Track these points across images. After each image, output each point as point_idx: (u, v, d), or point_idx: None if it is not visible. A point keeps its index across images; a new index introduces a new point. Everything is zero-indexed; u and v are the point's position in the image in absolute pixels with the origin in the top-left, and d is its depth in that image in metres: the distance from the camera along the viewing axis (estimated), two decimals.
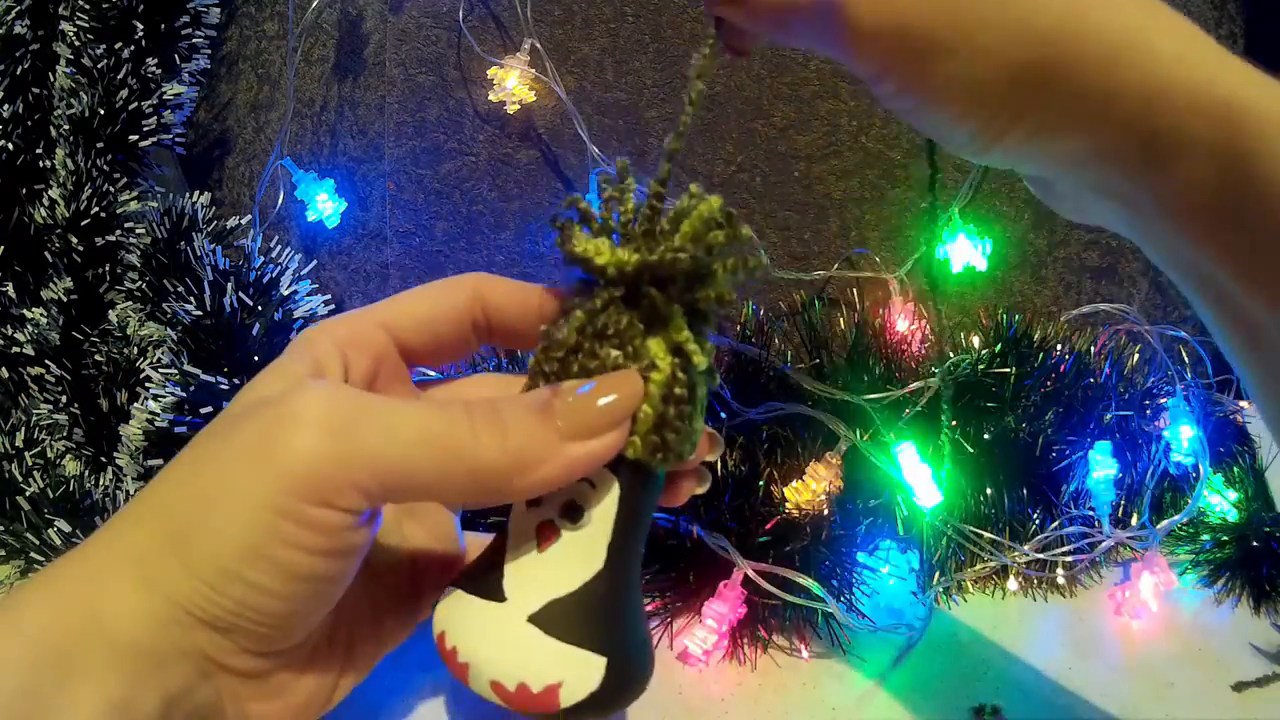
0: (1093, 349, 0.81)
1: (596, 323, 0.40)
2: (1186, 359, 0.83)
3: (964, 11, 0.36)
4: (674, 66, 0.81)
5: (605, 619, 0.41)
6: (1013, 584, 0.77)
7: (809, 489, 0.72)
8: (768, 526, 0.71)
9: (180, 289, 0.74)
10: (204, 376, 0.69)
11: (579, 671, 0.39)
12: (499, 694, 0.39)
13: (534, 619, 0.40)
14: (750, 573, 0.68)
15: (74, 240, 0.77)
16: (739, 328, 0.83)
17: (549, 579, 0.41)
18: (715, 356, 0.42)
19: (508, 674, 0.39)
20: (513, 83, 0.78)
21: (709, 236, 0.39)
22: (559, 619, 0.40)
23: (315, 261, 0.86)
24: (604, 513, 0.41)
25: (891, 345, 0.82)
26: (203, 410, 0.69)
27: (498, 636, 0.40)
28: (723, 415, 0.77)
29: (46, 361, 0.78)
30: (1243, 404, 0.84)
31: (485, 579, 0.42)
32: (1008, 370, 0.79)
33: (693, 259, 0.39)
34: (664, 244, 0.40)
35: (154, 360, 0.75)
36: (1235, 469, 0.81)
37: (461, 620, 0.41)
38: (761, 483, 0.74)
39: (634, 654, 0.42)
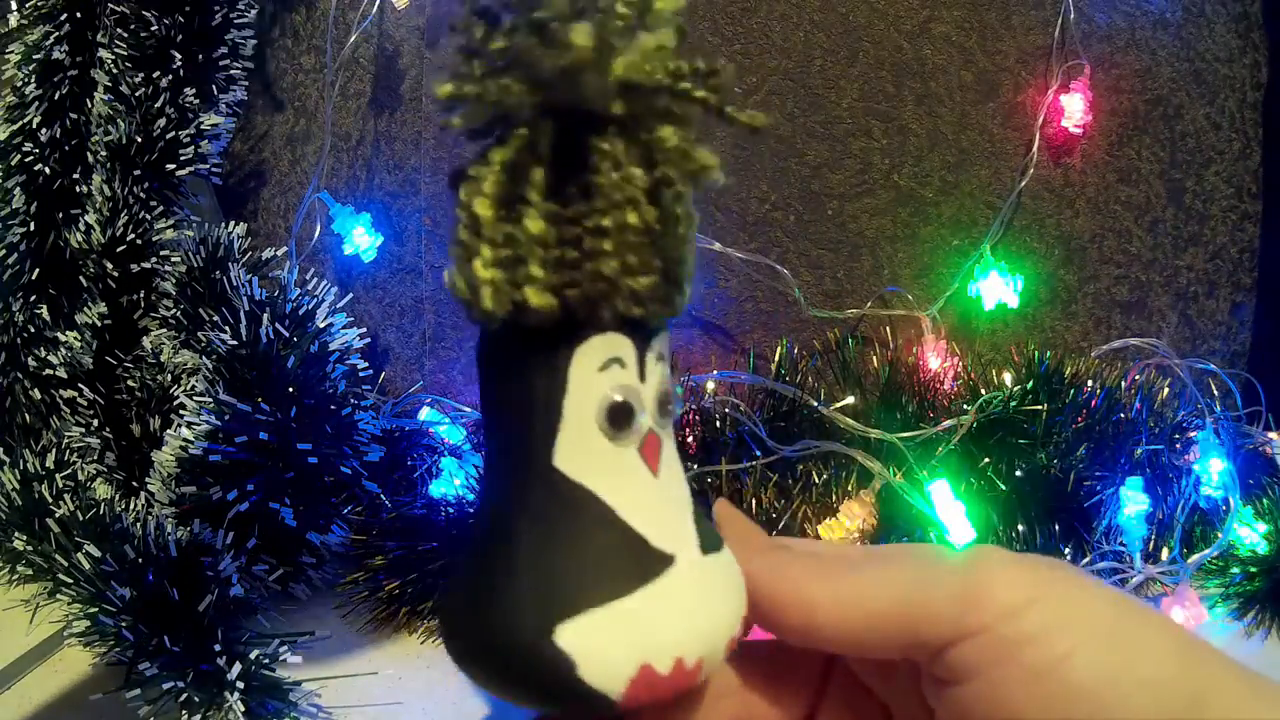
0: (1123, 384, 0.77)
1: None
2: (1216, 392, 0.79)
3: None
4: None
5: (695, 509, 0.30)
6: None
7: (843, 526, 0.69)
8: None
9: (215, 318, 0.68)
10: (240, 406, 0.64)
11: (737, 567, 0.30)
12: (729, 649, 0.29)
13: (704, 549, 0.29)
14: None
15: (109, 266, 0.72)
16: (773, 366, 0.79)
17: (678, 499, 0.29)
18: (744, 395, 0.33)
19: (736, 620, 0.29)
20: None
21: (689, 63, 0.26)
22: (706, 531, 0.29)
23: (350, 295, 0.80)
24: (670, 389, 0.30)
25: (924, 383, 0.77)
26: (237, 439, 0.63)
27: (706, 597, 0.28)
28: (758, 453, 0.73)
29: (79, 385, 0.74)
30: (1272, 435, 0.80)
31: (623, 564, 0.27)
32: (1039, 407, 0.75)
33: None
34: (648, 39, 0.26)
35: (188, 388, 0.70)
36: (1265, 501, 0.76)
37: (662, 624, 0.27)
38: (795, 520, 0.70)
39: None
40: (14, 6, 0.75)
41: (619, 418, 0.27)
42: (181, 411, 0.66)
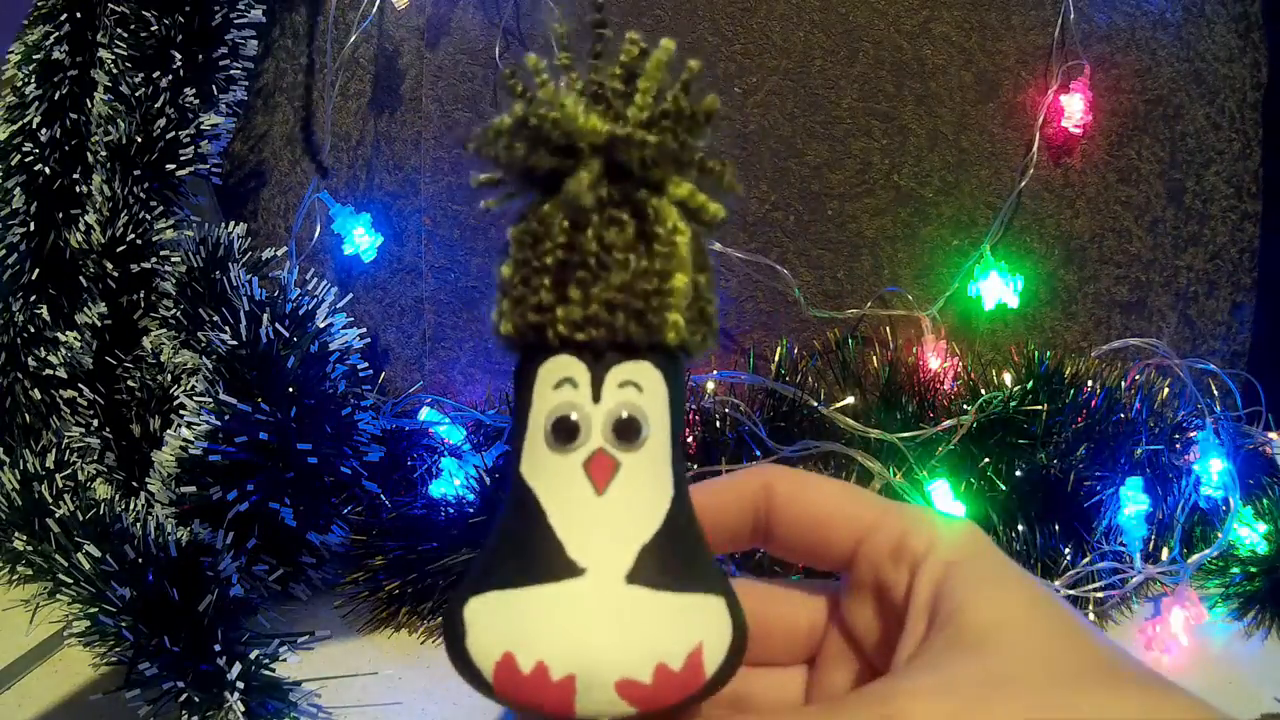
0: (1123, 384, 0.77)
1: (599, 193, 0.29)
2: (1216, 392, 0.79)
3: None
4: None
5: (699, 550, 0.31)
6: None
7: None
8: (801, 565, 0.66)
9: (215, 318, 0.68)
10: (240, 406, 0.64)
11: (711, 622, 0.29)
12: (629, 696, 0.27)
13: (633, 578, 0.28)
14: None
15: (109, 266, 0.72)
16: (773, 366, 0.78)
17: (625, 524, 0.29)
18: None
19: (639, 661, 0.27)
20: None
21: (673, 96, 0.29)
22: (659, 567, 0.29)
23: (350, 295, 0.80)
24: (659, 422, 0.30)
25: (924, 383, 0.77)
26: (237, 439, 0.63)
27: (604, 619, 0.28)
28: (758, 453, 0.73)
29: (79, 385, 0.73)
30: (1272, 435, 0.80)
31: (531, 560, 0.29)
32: (1039, 407, 0.74)
33: (674, 128, 0.29)
34: (635, 106, 0.29)
35: (188, 388, 0.69)
36: (1265, 501, 0.76)
37: (537, 623, 0.28)
38: None
39: (729, 584, 0.31)
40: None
41: (560, 431, 0.29)
42: (181, 411, 0.66)
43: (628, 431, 0.29)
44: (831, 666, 0.36)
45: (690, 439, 0.75)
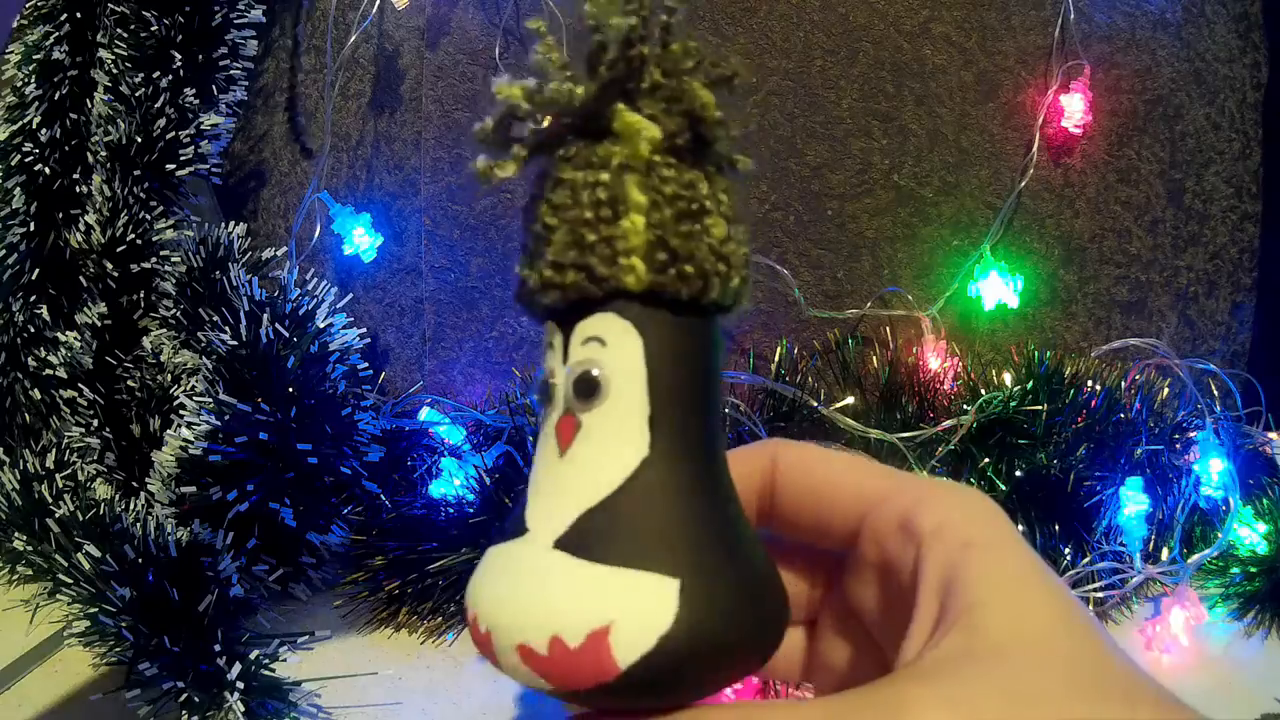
0: (1123, 384, 0.77)
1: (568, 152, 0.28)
2: (1216, 392, 0.79)
3: None
4: None
5: (670, 524, 0.27)
6: None
7: None
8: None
9: (215, 318, 0.68)
10: (240, 406, 0.64)
11: (637, 603, 0.25)
12: (530, 663, 0.25)
13: (562, 543, 0.26)
14: None
15: (109, 266, 0.72)
16: (773, 366, 0.78)
17: (575, 486, 0.27)
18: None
19: (535, 628, 0.25)
20: None
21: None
22: (596, 535, 0.26)
23: (350, 295, 0.80)
24: (629, 377, 0.27)
25: (924, 383, 0.77)
26: (237, 439, 0.63)
27: (520, 581, 0.26)
28: None
29: (79, 385, 0.73)
30: (1272, 435, 0.79)
31: (511, 521, 0.29)
32: (1039, 407, 0.74)
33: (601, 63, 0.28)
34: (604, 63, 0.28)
35: (188, 388, 0.69)
36: (1265, 501, 0.76)
37: (482, 579, 0.28)
38: None
39: (733, 581, 0.27)
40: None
41: (540, 394, 0.29)
42: (181, 411, 0.66)
43: (584, 390, 0.27)
44: (832, 633, 0.35)
45: None
